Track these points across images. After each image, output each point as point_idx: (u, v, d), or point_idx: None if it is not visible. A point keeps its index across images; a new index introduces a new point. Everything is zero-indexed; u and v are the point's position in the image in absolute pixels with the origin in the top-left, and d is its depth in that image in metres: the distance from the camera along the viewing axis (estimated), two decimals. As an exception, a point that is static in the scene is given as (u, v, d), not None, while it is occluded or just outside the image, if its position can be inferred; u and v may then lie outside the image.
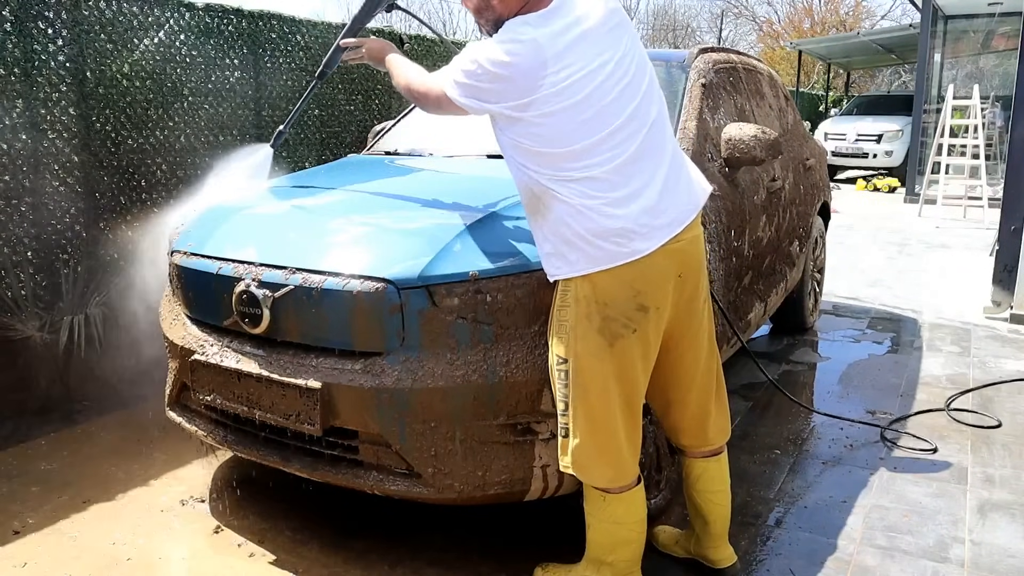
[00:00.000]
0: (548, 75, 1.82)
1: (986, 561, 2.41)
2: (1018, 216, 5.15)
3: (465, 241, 2.18)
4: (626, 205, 1.88)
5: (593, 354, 1.93)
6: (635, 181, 1.90)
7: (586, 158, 1.86)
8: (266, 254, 2.34)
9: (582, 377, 1.95)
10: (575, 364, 1.95)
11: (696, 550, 2.34)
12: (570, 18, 1.89)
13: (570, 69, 1.84)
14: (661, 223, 1.92)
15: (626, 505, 2.05)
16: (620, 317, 1.91)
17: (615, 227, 1.87)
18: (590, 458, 1.99)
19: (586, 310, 1.91)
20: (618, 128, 1.89)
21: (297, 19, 5.07)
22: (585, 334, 1.92)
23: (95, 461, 3.11)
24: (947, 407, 3.60)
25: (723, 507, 2.28)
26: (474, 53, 1.89)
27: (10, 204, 3.60)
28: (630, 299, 1.91)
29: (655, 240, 1.90)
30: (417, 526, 2.59)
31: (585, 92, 1.85)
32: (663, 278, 1.95)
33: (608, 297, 1.90)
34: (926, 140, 11.76)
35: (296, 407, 2.19)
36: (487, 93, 1.88)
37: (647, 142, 1.93)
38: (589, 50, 1.88)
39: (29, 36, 3.59)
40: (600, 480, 2.02)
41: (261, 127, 4.86)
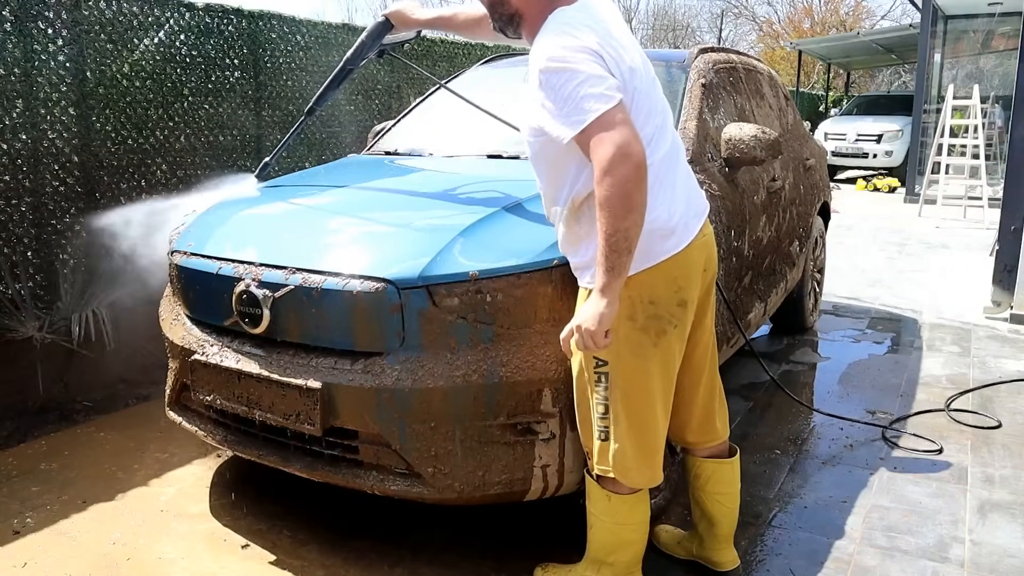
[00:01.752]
0: (617, 59, 1.79)
1: (986, 561, 2.41)
2: (1018, 216, 5.15)
3: (465, 241, 2.18)
4: (669, 200, 1.90)
5: (637, 354, 1.92)
6: (672, 176, 1.93)
7: (647, 147, 1.82)
8: (266, 254, 2.34)
9: (625, 379, 1.93)
10: (617, 366, 1.92)
11: (699, 552, 2.34)
12: (603, 12, 1.91)
13: (629, 54, 1.84)
14: (692, 216, 1.95)
15: (631, 506, 2.05)
16: (664, 314, 1.91)
17: (661, 223, 1.87)
18: (635, 460, 1.97)
19: (629, 310, 1.89)
20: (659, 125, 1.91)
21: (297, 19, 5.08)
22: (628, 335, 1.90)
23: (95, 461, 3.11)
24: (947, 407, 3.60)
25: (731, 510, 2.28)
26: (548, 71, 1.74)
27: (10, 204, 3.60)
28: (673, 294, 1.91)
29: (690, 233, 1.93)
30: (417, 526, 2.59)
31: (635, 86, 1.83)
32: (697, 271, 1.97)
33: (653, 295, 1.90)
34: (926, 140, 11.76)
35: (296, 407, 2.19)
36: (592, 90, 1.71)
37: (675, 138, 1.98)
38: (627, 46, 1.88)
39: (29, 36, 3.59)
40: (641, 481, 2.01)
41: (261, 127, 4.86)
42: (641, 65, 1.89)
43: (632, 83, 1.81)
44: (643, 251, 1.84)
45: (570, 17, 1.82)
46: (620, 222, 1.67)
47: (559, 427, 2.14)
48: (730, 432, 2.32)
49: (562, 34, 1.76)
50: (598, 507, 2.07)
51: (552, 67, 1.72)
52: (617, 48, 1.81)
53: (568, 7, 1.87)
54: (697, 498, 2.29)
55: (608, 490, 2.04)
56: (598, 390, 1.96)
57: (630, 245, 1.70)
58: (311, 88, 5.19)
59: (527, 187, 2.53)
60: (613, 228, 1.67)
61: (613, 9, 1.97)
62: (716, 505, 2.25)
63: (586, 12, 1.86)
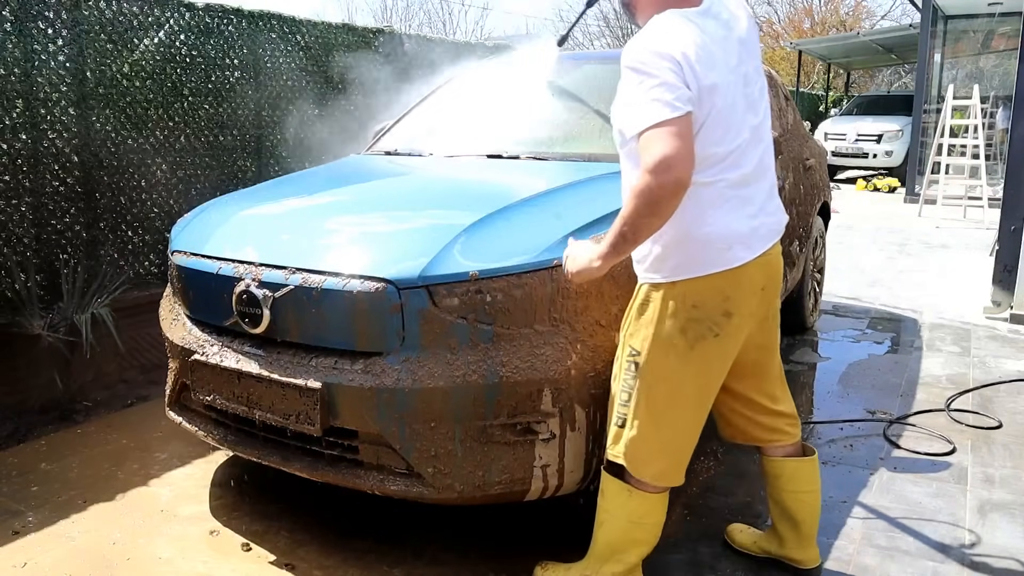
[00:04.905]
0: (698, 74, 1.79)
1: (986, 561, 2.41)
2: (1018, 216, 5.15)
3: (465, 241, 2.18)
4: (735, 218, 1.90)
5: (669, 353, 1.94)
6: (747, 195, 1.92)
7: (719, 164, 1.87)
8: (266, 254, 2.34)
9: (653, 373, 1.96)
10: (648, 359, 1.95)
11: (779, 551, 2.35)
12: (721, 19, 1.89)
13: (716, 73, 1.83)
14: (760, 235, 1.96)
15: (650, 505, 2.05)
16: (706, 320, 1.92)
17: (721, 237, 1.89)
18: (648, 451, 1.99)
19: (672, 310, 1.92)
20: (745, 141, 1.90)
21: (297, 19, 5.08)
22: (667, 332, 1.93)
23: (95, 461, 3.11)
24: (948, 407, 3.60)
25: (814, 507, 2.28)
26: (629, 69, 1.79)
27: (10, 204, 3.60)
28: (719, 304, 1.92)
29: (754, 251, 1.94)
30: (417, 526, 2.59)
31: (714, 104, 1.83)
32: (752, 288, 1.97)
33: (697, 300, 1.91)
34: (926, 140, 11.76)
35: (296, 407, 2.19)
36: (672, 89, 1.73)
37: (764, 158, 1.97)
38: (731, 58, 1.88)
39: (29, 36, 3.59)
40: (650, 474, 2.02)
41: (261, 127, 4.86)
42: (729, 83, 1.85)
43: (710, 100, 1.81)
44: (697, 259, 1.88)
45: (671, 22, 1.83)
46: (638, 219, 1.74)
47: (559, 427, 2.14)
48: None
49: (654, 37, 1.80)
50: (615, 503, 2.07)
51: (633, 66, 1.78)
52: (705, 62, 1.80)
53: (679, 11, 1.87)
54: (778, 498, 2.29)
55: (630, 485, 2.03)
56: (626, 377, 2.00)
57: (636, 240, 1.80)
58: (311, 88, 5.19)
59: (527, 187, 2.53)
60: (630, 221, 1.75)
61: (734, 21, 1.93)
62: (799, 504, 2.26)
63: (690, 21, 1.84)
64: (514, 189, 2.53)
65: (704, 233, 1.88)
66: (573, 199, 2.52)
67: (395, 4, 26.98)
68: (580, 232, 2.25)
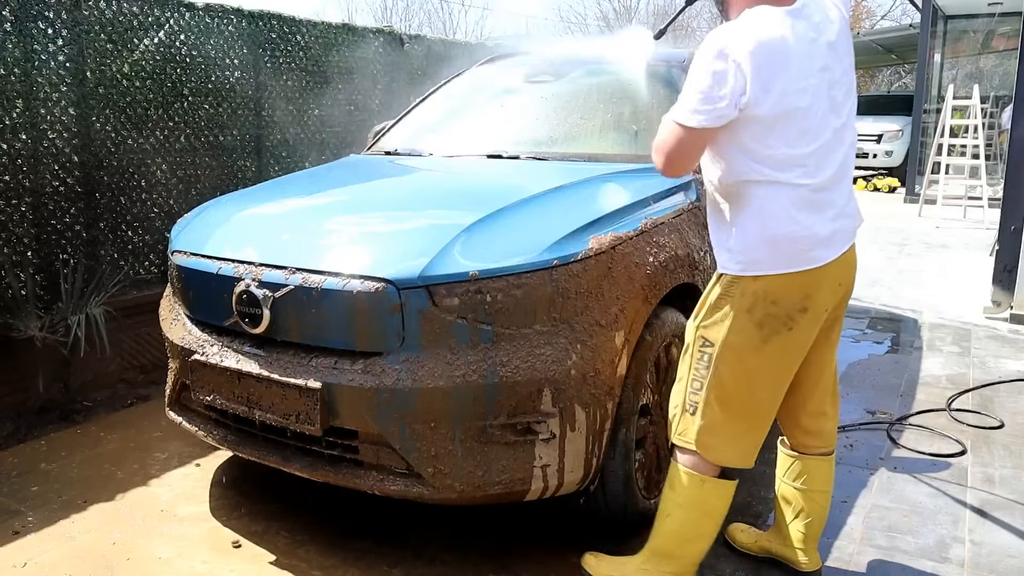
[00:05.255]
0: (764, 74, 1.82)
1: (986, 561, 2.41)
2: (1018, 216, 5.15)
3: (465, 241, 2.18)
4: (818, 220, 1.93)
5: (744, 346, 1.97)
6: (828, 199, 1.94)
7: (800, 167, 1.89)
8: (266, 254, 2.34)
9: (727, 364, 1.99)
10: (722, 351, 1.99)
11: (781, 551, 2.35)
12: (812, 21, 1.90)
13: (793, 75, 1.84)
14: (841, 236, 1.98)
15: (720, 495, 2.09)
16: (782, 316, 1.95)
17: (805, 238, 1.91)
18: (719, 438, 2.03)
19: (749, 304, 1.95)
20: (827, 143, 1.91)
21: (297, 19, 5.07)
22: (743, 326, 1.96)
23: (95, 461, 3.11)
24: (948, 407, 3.60)
25: (824, 509, 2.29)
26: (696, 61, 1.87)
27: (10, 204, 3.60)
28: (798, 301, 1.95)
29: (835, 251, 1.96)
30: (417, 526, 2.59)
31: (786, 108, 1.85)
32: (831, 285, 2.00)
33: (777, 296, 1.94)
34: (926, 140, 11.76)
35: (296, 407, 2.19)
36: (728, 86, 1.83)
37: (846, 160, 1.98)
38: (816, 61, 1.88)
39: (29, 36, 3.59)
40: (724, 458, 2.06)
41: (261, 127, 4.86)
42: (810, 86, 1.86)
43: (782, 104, 1.84)
44: (779, 258, 1.92)
45: (756, 19, 1.86)
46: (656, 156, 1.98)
47: (559, 427, 2.14)
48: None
49: (728, 33, 1.85)
50: (685, 493, 2.08)
51: (696, 59, 1.87)
52: (779, 63, 1.83)
53: (769, 7, 1.88)
54: (788, 495, 2.30)
55: (701, 473, 2.05)
56: (698, 367, 2.03)
57: None
58: (311, 88, 5.19)
59: (527, 187, 2.53)
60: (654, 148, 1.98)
61: (827, 24, 1.93)
62: (811, 503, 2.26)
63: (777, 19, 1.85)
64: (514, 189, 2.53)
65: (786, 233, 1.91)
66: (573, 199, 2.52)
67: (395, 4, 26.98)
68: (580, 232, 2.25)
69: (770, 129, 1.86)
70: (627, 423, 2.33)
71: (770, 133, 1.87)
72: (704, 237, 2.79)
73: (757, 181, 1.91)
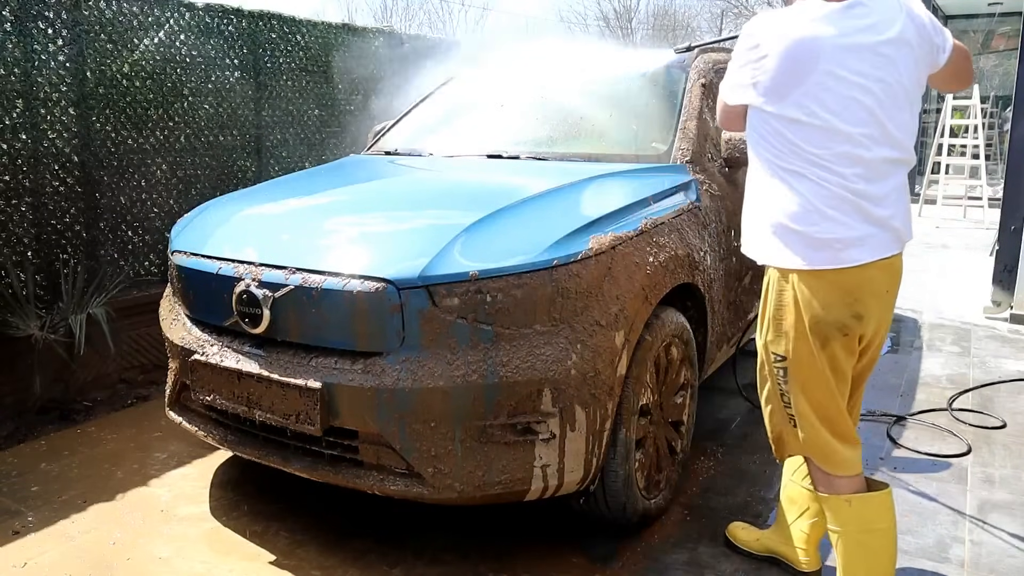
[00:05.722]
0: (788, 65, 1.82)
1: (986, 561, 2.41)
2: (1018, 216, 5.15)
3: (465, 241, 2.18)
4: (855, 217, 1.89)
5: (809, 353, 1.97)
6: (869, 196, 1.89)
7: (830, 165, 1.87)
8: (266, 254, 2.34)
9: (804, 374, 1.99)
10: (794, 362, 1.99)
11: (782, 550, 2.35)
12: (863, 21, 1.85)
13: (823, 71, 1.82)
14: (881, 239, 1.92)
15: (875, 508, 2.03)
16: (834, 322, 1.93)
17: (840, 236, 1.88)
18: (827, 443, 2.02)
19: (802, 313, 1.95)
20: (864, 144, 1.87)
21: (297, 19, 5.07)
22: (801, 335, 1.96)
23: (95, 461, 3.11)
24: (950, 407, 3.60)
25: None
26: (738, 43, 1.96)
27: (10, 204, 3.60)
28: (847, 306, 1.93)
29: (873, 253, 1.91)
30: (417, 526, 2.59)
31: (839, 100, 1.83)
32: (878, 291, 1.97)
33: (825, 302, 1.92)
34: (926, 140, 11.76)
35: (296, 407, 2.19)
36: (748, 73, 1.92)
37: (889, 163, 1.91)
38: (857, 63, 1.84)
39: (29, 36, 3.59)
40: (846, 465, 2.03)
41: (261, 127, 4.86)
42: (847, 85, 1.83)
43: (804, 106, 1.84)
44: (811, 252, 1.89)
45: (800, 11, 1.87)
46: None
47: (559, 427, 2.14)
48: (730, 432, 2.32)
49: (768, 19, 1.91)
50: (841, 517, 2.04)
51: (739, 40, 1.96)
52: (807, 57, 1.82)
53: (817, 2, 1.86)
54: (795, 495, 2.29)
55: (841, 493, 2.02)
56: (779, 383, 2.05)
57: None
58: (311, 88, 5.19)
59: (527, 187, 2.53)
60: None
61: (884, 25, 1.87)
62: (817, 504, 2.24)
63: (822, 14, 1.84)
64: (514, 189, 2.53)
65: (818, 229, 1.88)
66: (573, 199, 2.52)
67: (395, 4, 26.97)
68: (580, 232, 2.25)
69: (790, 127, 1.87)
70: (627, 423, 2.33)
71: (791, 131, 1.87)
72: (704, 237, 2.79)
73: (790, 171, 1.90)
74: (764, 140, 1.95)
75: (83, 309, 3.64)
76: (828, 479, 2.05)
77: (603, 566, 2.37)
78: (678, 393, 2.69)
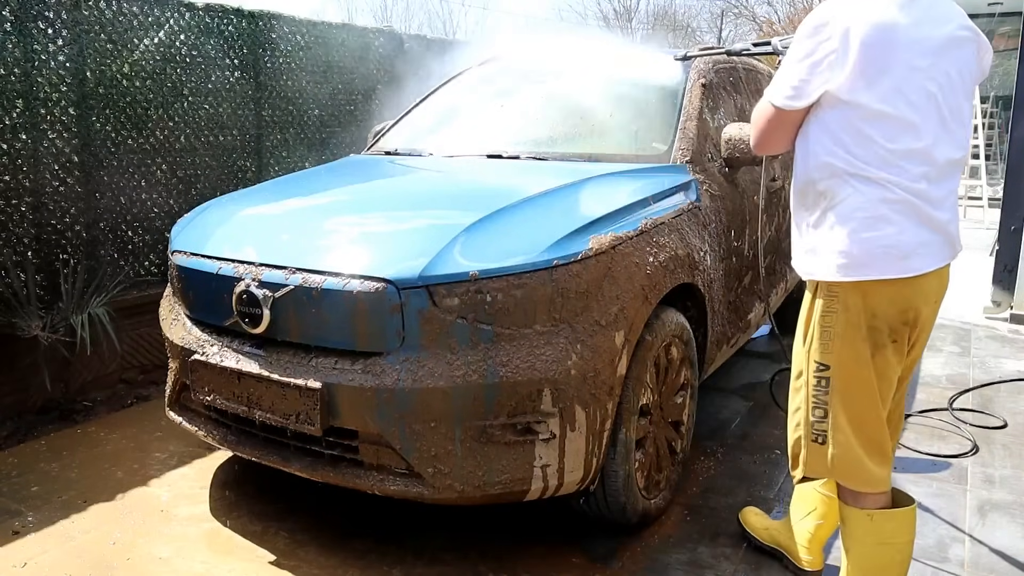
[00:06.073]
0: (868, 52, 1.73)
1: (986, 561, 2.41)
2: (1018, 216, 5.15)
3: (465, 241, 2.18)
4: (919, 225, 1.82)
5: (858, 362, 1.89)
6: (934, 201, 1.83)
7: (897, 165, 1.79)
8: (266, 254, 2.34)
9: (847, 384, 1.90)
10: (839, 371, 1.90)
11: (788, 545, 2.35)
12: (927, 13, 1.79)
13: (895, 62, 1.75)
14: (940, 246, 1.87)
15: (896, 523, 1.97)
16: (886, 328, 1.87)
17: (903, 241, 1.80)
18: (858, 461, 1.93)
19: (855, 319, 1.86)
20: (930, 145, 1.81)
21: (297, 19, 5.07)
22: (852, 342, 1.88)
23: (95, 461, 3.11)
24: (951, 407, 3.60)
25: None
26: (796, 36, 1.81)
27: (10, 204, 3.60)
28: (900, 313, 1.87)
29: (934, 263, 1.85)
30: (417, 526, 2.59)
31: (906, 96, 1.76)
32: (930, 299, 1.91)
33: (879, 308, 1.85)
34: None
35: (296, 407, 2.19)
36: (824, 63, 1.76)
37: (950, 166, 1.85)
38: (920, 58, 1.77)
39: (29, 36, 3.59)
40: (873, 482, 1.95)
41: (261, 127, 4.86)
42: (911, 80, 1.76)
43: (885, 95, 1.75)
44: (874, 262, 1.81)
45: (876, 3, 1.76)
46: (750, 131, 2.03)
47: (559, 427, 2.14)
48: (730, 432, 2.32)
49: (832, 8, 1.77)
50: (857, 528, 1.98)
51: (797, 33, 1.83)
52: (884, 45, 1.74)
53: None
54: (804, 494, 2.28)
55: (865, 508, 1.96)
56: (816, 394, 1.94)
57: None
58: (311, 88, 5.19)
59: (527, 187, 2.53)
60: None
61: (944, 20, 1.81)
62: (829, 509, 2.22)
63: (886, 4, 1.77)
64: (514, 189, 2.53)
65: (879, 236, 1.80)
66: (573, 199, 2.52)
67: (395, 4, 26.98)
68: (580, 232, 2.25)
69: (870, 119, 1.77)
70: (627, 423, 2.33)
71: (870, 124, 1.77)
72: (704, 237, 2.79)
73: (852, 174, 1.81)
74: (838, 144, 1.82)
75: (83, 309, 3.64)
76: (855, 494, 1.98)
77: (603, 566, 2.37)
78: (678, 393, 2.69)
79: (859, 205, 1.81)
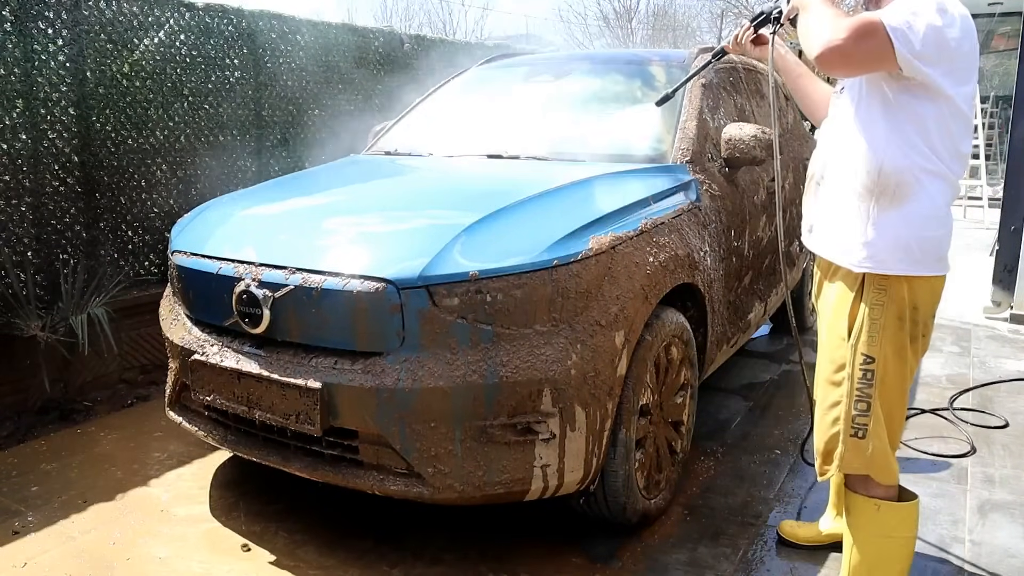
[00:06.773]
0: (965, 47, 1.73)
1: (986, 561, 2.41)
2: (1018, 216, 5.15)
3: (465, 241, 2.18)
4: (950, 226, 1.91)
5: (900, 355, 1.92)
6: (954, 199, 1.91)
7: (959, 163, 1.83)
8: (266, 254, 2.34)
9: (890, 377, 1.93)
10: (884, 364, 1.92)
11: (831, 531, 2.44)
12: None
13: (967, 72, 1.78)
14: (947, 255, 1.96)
15: (901, 517, 1.99)
16: (920, 322, 1.92)
17: (947, 241, 1.89)
18: (887, 456, 1.96)
19: (899, 311, 1.89)
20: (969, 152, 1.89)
21: (297, 19, 5.07)
22: (895, 335, 1.91)
23: (95, 461, 3.11)
24: (951, 406, 3.60)
25: None
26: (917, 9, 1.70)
27: (10, 204, 3.60)
28: (932, 306, 1.93)
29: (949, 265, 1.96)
30: (417, 526, 2.59)
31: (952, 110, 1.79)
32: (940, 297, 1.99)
33: (920, 302, 1.90)
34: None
35: (296, 407, 2.19)
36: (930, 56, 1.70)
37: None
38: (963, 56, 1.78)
39: (29, 36, 3.59)
40: (893, 477, 1.98)
41: (261, 127, 4.86)
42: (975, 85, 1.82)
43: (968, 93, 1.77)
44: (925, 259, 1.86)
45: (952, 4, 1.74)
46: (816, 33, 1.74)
47: (559, 427, 2.14)
48: (730, 432, 2.31)
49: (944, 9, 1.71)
50: (864, 519, 2.00)
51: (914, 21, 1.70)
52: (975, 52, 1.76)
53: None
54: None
55: (875, 497, 1.98)
56: (861, 387, 1.94)
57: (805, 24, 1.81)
58: (311, 88, 5.19)
59: (527, 187, 2.53)
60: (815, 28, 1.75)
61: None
62: None
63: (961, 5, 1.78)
64: (514, 189, 2.53)
65: (943, 235, 1.87)
66: (573, 199, 2.52)
67: (395, 4, 26.99)
68: (580, 232, 2.25)
69: (957, 118, 1.78)
70: (627, 423, 2.33)
71: (955, 122, 1.78)
72: (704, 237, 2.79)
73: (927, 170, 1.80)
74: (921, 137, 1.79)
75: (83, 309, 3.64)
76: (867, 482, 1.99)
77: (603, 566, 2.37)
78: (678, 393, 2.69)
79: (934, 203, 1.82)
